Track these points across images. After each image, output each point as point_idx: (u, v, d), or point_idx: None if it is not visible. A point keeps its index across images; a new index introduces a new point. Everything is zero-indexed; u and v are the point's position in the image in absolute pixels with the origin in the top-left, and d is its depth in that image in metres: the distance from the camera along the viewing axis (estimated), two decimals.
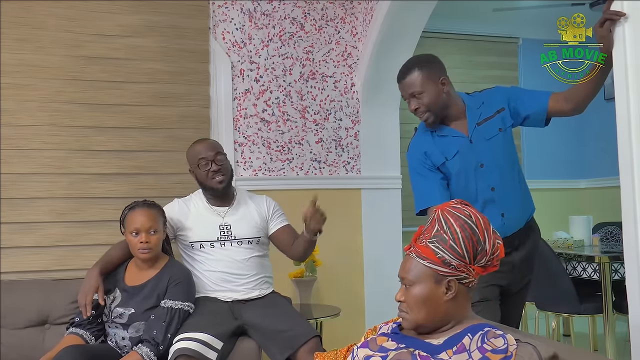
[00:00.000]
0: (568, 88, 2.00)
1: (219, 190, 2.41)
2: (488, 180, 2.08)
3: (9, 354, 2.46)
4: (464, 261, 1.31)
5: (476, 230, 1.33)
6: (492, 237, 1.35)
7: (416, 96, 2.05)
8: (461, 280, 1.33)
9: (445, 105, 2.07)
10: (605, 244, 3.85)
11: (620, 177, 1.61)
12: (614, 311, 3.17)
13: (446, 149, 2.10)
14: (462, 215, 1.34)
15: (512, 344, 1.24)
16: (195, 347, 2.09)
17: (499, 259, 1.37)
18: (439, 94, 2.04)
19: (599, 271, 3.19)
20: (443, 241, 1.33)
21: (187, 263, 2.46)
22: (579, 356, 1.39)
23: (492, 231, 1.36)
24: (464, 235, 1.32)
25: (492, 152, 2.08)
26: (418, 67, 2.04)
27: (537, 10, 4.50)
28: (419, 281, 1.34)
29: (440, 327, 1.35)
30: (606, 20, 1.64)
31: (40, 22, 2.96)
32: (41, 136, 2.93)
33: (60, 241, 2.92)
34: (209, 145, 2.44)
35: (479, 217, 1.36)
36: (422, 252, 1.34)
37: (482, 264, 1.33)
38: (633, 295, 1.58)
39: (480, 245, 1.32)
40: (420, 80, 2.03)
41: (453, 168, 2.09)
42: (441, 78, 2.05)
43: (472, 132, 2.09)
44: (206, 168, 2.38)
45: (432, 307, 1.33)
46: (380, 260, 3.49)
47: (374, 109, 3.55)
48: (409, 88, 2.06)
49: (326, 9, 3.52)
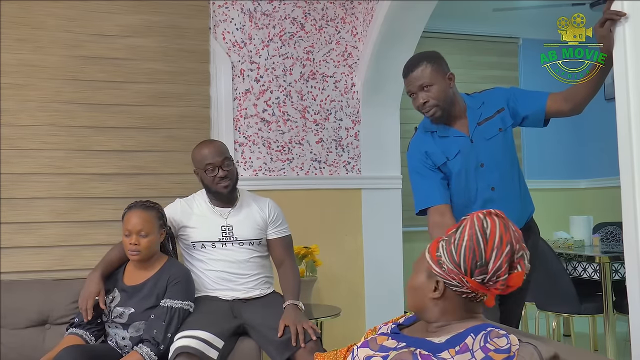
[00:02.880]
0: (567, 88, 2.01)
1: (223, 195, 2.41)
2: (488, 180, 2.08)
3: (9, 354, 2.46)
4: (457, 269, 1.29)
5: (482, 244, 1.28)
6: (503, 259, 1.28)
7: (425, 89, 2.02)
8: (451, 286, 1.32)
9: (452, 102, 2.06)
10: (606, 244, 3.85)
11: (621, 177, 1.61)
12: (614, 311, 3.17)
13: (447, 148, 2.09)
14: (479, 227, 1.30)
15: (515, 344, 1.24)
16: (197, 345, 2.08)
17: (508, 285, 1.31)
18: (447, 88, 2.04)
19: (599, 271, 3.19)
20: (448, 243, 1.33)
21: (188, 262, 2.47)
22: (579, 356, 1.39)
23: (505, 253, 1.29)
24: (467, 244, 1.29)
25: (492, 152, 2.08)
26: (427, 61, 2.04)
27: (537, 10, 4.49)
28: (418, 270, 1.40)
29: (429, 320, 1.37)
30: (606, 20, 1.64)
31: (40, 22, 2.96)
32: (41, 136, 2.93)
33: (61, 241, 2.92)
34: (217, 150, 2.40)
35: (497, 234, 1.29)
36: (431, 247, 1.38)
37: (479, 279, 1.30)
38: (633, 295, 1.58)
39: (480, 261, 1.28)
40: (430, 72, 2.01)
41: (454, 168, 2.08)
42: (448, 73, 2.05)
43: (472, 132, 2.09)
44: (213, 174, 2.37)
45: (419, 298, 1.38)
46: (381, 260, 3.49)
47: (374, 109, 3.55)
48: (417, 80, 2.02)
49: (326, 9, 3.52)
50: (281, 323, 2.20)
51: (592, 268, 3.26)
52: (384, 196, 3.54)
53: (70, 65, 2.99)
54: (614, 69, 1.65)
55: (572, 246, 3.65)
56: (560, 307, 3.36)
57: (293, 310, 2.27)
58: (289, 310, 2.27)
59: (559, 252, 3.46)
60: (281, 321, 2.21)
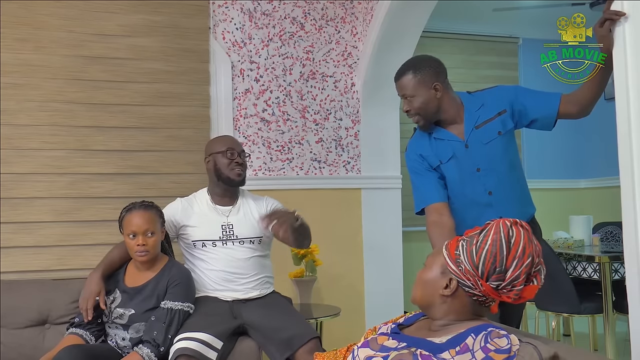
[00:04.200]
0: (574, 90, 1.99)
1: (235, 182, 2.43)
2: (485, 184, 2.06)
3: (9, 354, 2.46)
4: (474, 271, 1.31)
5: (505, 252, 1.30)
6: (523, 269, 1.30)
7: (407, 98, 2.06)
8: (464, 286, 1.33)
9: (437, 111, 2.06)
10: (606, 243, 3.85)
11: (621, 177, 1.61)
12: (614, 311, 3.17)
13: (441, 152, 2.09)
14: (504, 233, 1.31)
15: (516, 344, 1.24)
16: (196, 346, 2.09)
17: (521, 296, 1.32)
18: (430, 99, 2.03)
19: (599, 271, 3.19)
20: (470, 244, 1.34)
21: (188, 261, 2.47)
22: (579, 356, 1.39)
23: (526, 264, 1.30)
24: (489, 249, 1.30)
25: (489, 156, 2.05)
26: (413, 71, 2.04)
27: (537, 10, 4.49)
28: (432, 264, 1.40)
29: (434, 317, 1.38)
30: (606, 20, 1.64)
31: (41, 21, 2.96)
32: (41, 136, 2.93)
33: (60, 241, 2.92)
34: (237, 141, 2.54)
35: (521, 244, 1.31)
36: (449, 244, 1.39)
37: (494, 285, 1.31)
38: (633, 295, 1.58)
39: (500, 267, 1.29)
40: (412, 84, 2.03)
41: (447, 172, 2.08)
42: (434, 84, 2.02)
43: (468, 136, 2.06)
44: (232, 157, 2.43)
45: (428, 292, 1.38)
46: (380, 260, 3.49)
47: (374, 109, 3.55)
48: (401, 90, 2.08)
49: (326, 8, 3.52)
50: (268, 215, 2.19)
51: (591, 268, 3.26)
52: (384, 196, 3.54)
53: (70, 65, 2.99)
54: (614, 69, 1.65)
55: (571, 246, 3.65)
56: (560, 306, 3.36)
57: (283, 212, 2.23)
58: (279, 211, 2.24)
59: (558, 252, 3.46)
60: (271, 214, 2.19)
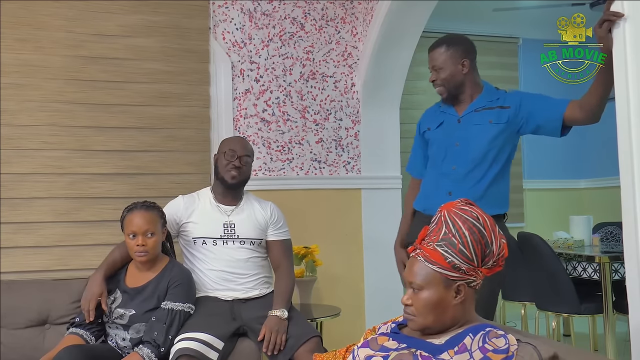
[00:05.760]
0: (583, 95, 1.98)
1: (228, 183, 2.44)
2: (455, 159, 2.17)
3: (9, 354, 2.45)
4: (472, 265, 1.31)
5: (484, 232, 1.32)
6: (498, 237, 1.35)
7: (436, 70, 2.19)
8: (470, 284, 1.33)
9: (460, 85, 2.19)
10: (606, 244, 3.85)
11: (621, 177, 1.61)
12: (614, 311, 3.17)
13: (436, 120, 2.28)
14: (470, 217, 1.33)
15: (514, 344, 1.24)
16: (197, 347, 2.09)
17: (504, 258, 1.37)
18: (456, 73, 2.17)
19: (599, 271, 3.19)
20: (452, 245, 1.32)
21: (188, 260, 2.47)
22: (579, 356, 1.39)
23: (497, 231, 1.35)
24: (472, 238, 1.31)
25: (472, 137, 2.15)
26: (446, 45, 2.18)
27: (537, 10, 4.49)
28: (428, 285, 1.32)
29: (447, 329, 1.35)
30: (605, 21, 1.64)
31: (41, 22, 2.95)
32: (41, 136, 2.93)
33: (60, 241, 2.92)
34: (244, 145, 2.53)
35: (486, 219, 1.36)
36: (431, 256, 1.33)
37: (488, 265, 1.33)
38: (633, 295, 1.58)
39: (488, 248, 1.32)
40: (444, 57, 2.17)
41: (432, 137, 2.27)
42: (463, 60, 2.17)
43: (465, 114, 2.19)
44: (230, 159, 2.43)
45: (441, 311, 1.32)
46: (380, 260, 3.49)
47: (374, 109, 3.55)
48: (432, 61, 2.21)
49: (326, 9, 3.52)
50: (263, 328, 2.26)
51: (591, 268, 3.26)
52: (384, 196, 3.54)
53: (70, 65, 2.99)
54: (614, 69, 1.65)
55: (571, 246, 3.65)
56: (560, 307, 3.36)
57: (275, 320, 2.28)
58: (271, 319, 2.29)
59: (558, 252, 3.45)
60: (263, 326, 2.26)
